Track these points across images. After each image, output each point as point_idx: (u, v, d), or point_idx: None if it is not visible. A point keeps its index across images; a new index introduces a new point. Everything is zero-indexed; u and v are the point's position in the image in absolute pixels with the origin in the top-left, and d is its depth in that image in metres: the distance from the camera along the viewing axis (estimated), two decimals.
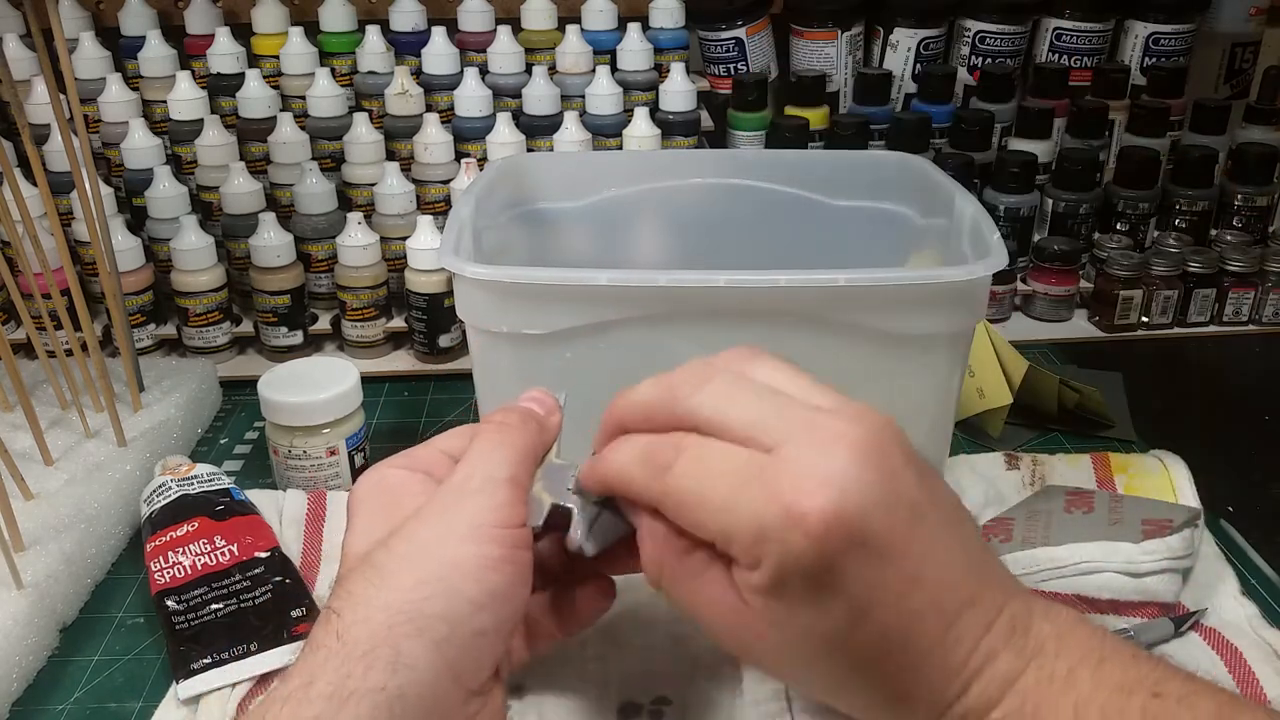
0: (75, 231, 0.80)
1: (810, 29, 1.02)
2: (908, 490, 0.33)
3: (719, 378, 0.36)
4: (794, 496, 0.32)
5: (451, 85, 0.87)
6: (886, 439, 0.33)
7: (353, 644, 0.34)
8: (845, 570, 0.32)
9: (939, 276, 0.50)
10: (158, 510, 0.57)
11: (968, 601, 0.33)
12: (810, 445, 0.33)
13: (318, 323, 0.83)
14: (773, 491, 0.32)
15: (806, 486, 0.32)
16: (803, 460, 0.32)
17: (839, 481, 0.32)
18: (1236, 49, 1.05)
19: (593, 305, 0.49)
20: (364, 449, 0.65)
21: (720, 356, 0.37)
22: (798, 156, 0.76)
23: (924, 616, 0.33)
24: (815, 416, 0.34)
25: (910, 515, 0.33)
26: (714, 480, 0.34)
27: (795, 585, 0.32)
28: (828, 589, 0.32)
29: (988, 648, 0.33)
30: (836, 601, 0.32)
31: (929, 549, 0.33)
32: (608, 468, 0.37)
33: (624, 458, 0.37)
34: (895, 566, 0.32)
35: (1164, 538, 0.52)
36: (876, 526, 0.32)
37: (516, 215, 0.66)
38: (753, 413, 0.34)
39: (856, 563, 0.32)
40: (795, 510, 0.31)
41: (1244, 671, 0.48)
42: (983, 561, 0.35)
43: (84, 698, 0.50)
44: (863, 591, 0.32)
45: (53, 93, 0.64)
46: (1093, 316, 0.88)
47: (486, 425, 0.41)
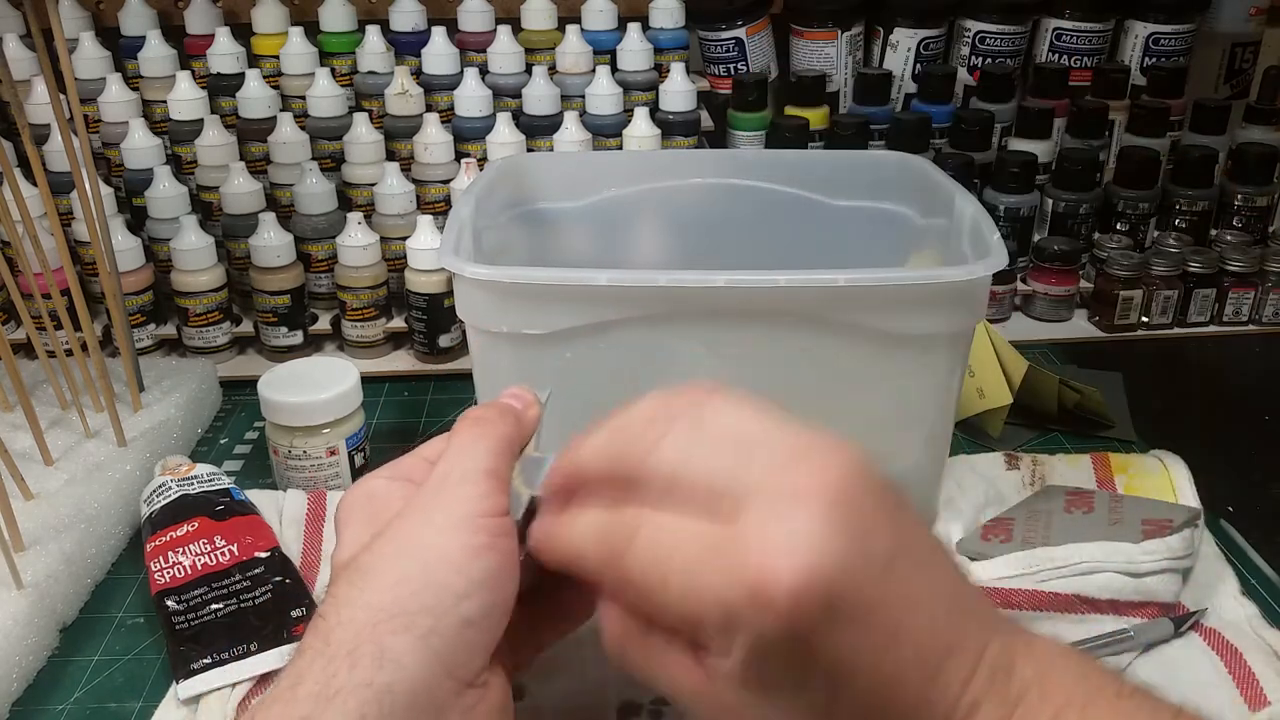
0: (75, 231, 0.80)
1: (810, 29, 1.02)
2: (879, 542, 0.31)
3: (676, 429, 0.34)
4: (759, 575, 0.30)
5: (451, 85, 0.87)
6: (854, 485, 0.31)
7: (337, 644, 0.34)
8: (821, 642, 0.30)
9: (939, 276, 0.50)
10: (158, 510, 0.57)
11: (947, 651, 0.32)
12: (773, 506, 0.31)
13: (318, 323, 0.83)
14: (736, 572, 0.30)
15: (770, 562, 0.30)
16: (764, 527, 0.31)
17: (805, 546, 0.30)
18: (1236, 49, 1.05)
19: (593, 305, 0.49)
20: (364, 449, 0.65)
21: (680, 395, 0.35)
22: (798, 156, 0.76)
23: (905, 675, 0.32)
24: (779, 467, 0.32)
25: (883, 569, 0.31)
26: (675, 559, 0.32)
27: (770, 667, 0.31)
28: (806, 663, 0.31)
29: (970, 698, 0.32)
30: (814, 676, 0.31)
31: (905, 600, 0.32)
32: (564, 545, 0.36)
33: (579, 536, 0.36)
34: (871, 627, 0.31)
35: (1164, 538, 0.52)
36: (848, 590, 0.30)
37: (516, 215, 0.66)
38: (713, 468, 0.32)
39: (831, 632, 0.30)
40: (762, 591, 0.30)
41: (1244, 672, 0.48)
42: (961, 601, 0.34)
43: (84, 698, 0.50)
44: (841, 660, 0.31)
45: (53, 93, 0.64)
46: (1093, 316, 0.88)
47: (463, 421, 0.41)
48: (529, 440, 0.42)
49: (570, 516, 0.36)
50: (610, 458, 0.35)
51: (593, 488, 0.36)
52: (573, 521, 0.36)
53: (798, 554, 0.30)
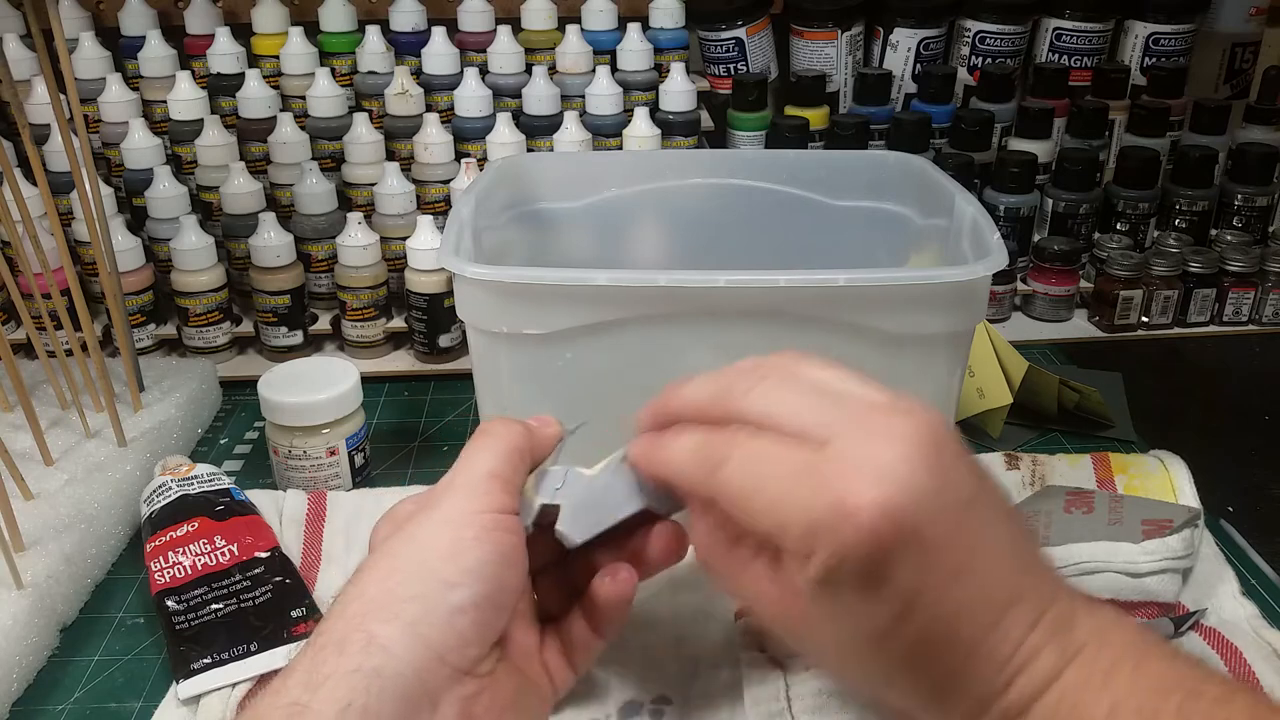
0: (75, 231, 0.80)
1: (810, 29, 1.02)
2: (959, 485, 0.33)
3: (772, 377, 0.37)
4: (845, 491, 0.32)
5: (451, 85, 0.87)
6: (939, 434, 0.34)
7: (327, 633, 0.35)
8: (895, 564, 0.32)
9: (939, 276, 0.50)
10: (158, 510, 0.57)
11: (1014, 598, 0.34)
12: (862, 441, 0.33)
13: (318, 323, 0.83)
14: (824, 487, 0.32)
15: (857, 481, 0.32)
16: (854, 455, 0.33)
17: (890, 476, 0.32)
18: (1236, 49, 1.05)
19: (593, 305, 0.49)
20: (364, 449, 0.65)
21: (771, 358, 0.38)
22: (797, 156, 0.76)
23: (971, 611, 0.33)
24: (867, 413, 0.34)
25: (960, 510, 0.33)
26: (767, 476, 0.34)
27: (846, 579, 0.33)
28: (877, 582, 0.32)
29: (1032, 644, 0.33)
30: (885, 595, 0.33)
31: (977, 544, 0.33)
32: (664, 460, 0.38)
33: (679, 452, 0.38)
34: (944, 561, 0.33)
35: (1164, 538, 0.52)
36: (927, 521, 0.32)
37: (516, 215, 0.66)
38: (805, 410, 0.35)
39: (906, 557, 0.32)
40: (847, 505, 0.32)
41: (1244, 671, 0.48)
42: (1030, 558, 0.35)
43: (84, 698, 0.50)
44: (912, 585, 0.32)
45: (53, 93, 0.64)
46: (1093, 316, 0.88)
47: (475, 434, 0.42)
48: (545, 456, 0.43)
49: (670, 435, 0.38)
50: (707, 397, 0.38)
51: (689, 422, 0.38)
52: (674, 439, 0.38)
53: (884, 478, 0.32)
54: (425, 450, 0.70)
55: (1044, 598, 0.34)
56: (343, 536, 0.58)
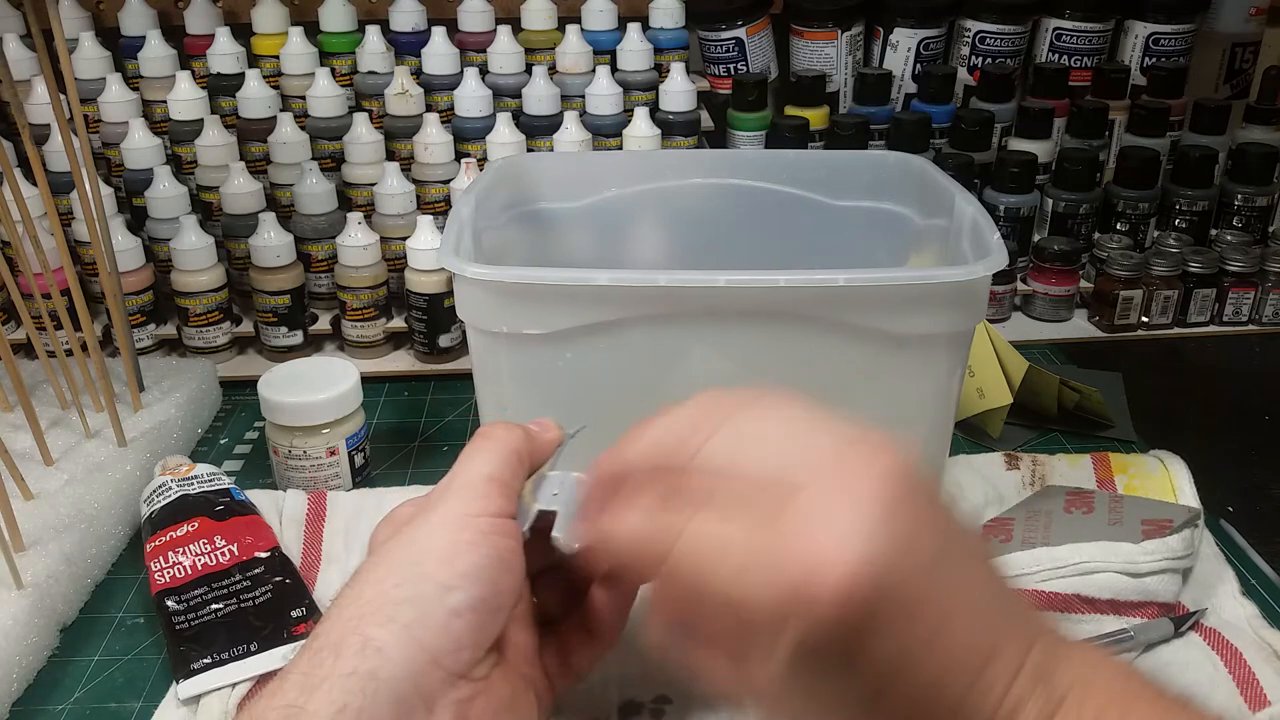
0: (75, 231, 0.80)
1: (810, 29, 1.02)
2: (925, 540, 0.32)
3: (725, 429, 0.35)
4: (806, 571, 0.30)
5: (451, 85, 0.87)
6: (901, 484, 0.32)
7: (323, 636, 0.35)
8: (868, 638, 0.31)
9: (939, 276, 0.50)
10: (158, 510, 0.57)
11: (993, 651, 0.32)
12: (818, 506, 0.31)
13: (318, 323, 0.83)
14: (783, 569, 0.31)
15: (817, 558, 0.30)
16: (812, 527, 0.31)
17: (851, 547, 0.30)
18: (1236, 49, 1.05)
19: (593, 305, 0.49)
20: (364, 449, 0.65)
21: (728, 397, 0.36)
22: (797, 156, 0.76)
23: (949, 674, 0.32)
24: (823, 471, 0.32)
25: (931, 566, 0.31)
26: (718, 563, 0.32)
27: (815, 664, 0.31)
28: (850, 660, 0.31)
29: (1014, 698, 0.32)
30: (860, 671, 0.31)
31: (951, 600, 0.32)
32: (612, 545, 0.37)
33: (624, 540, 0.36)
34: (919, 624, 0.31)
35: (1164, 538, 0.52)
36: (895, 586, 0.30)
37: (516, 215, 0.66)
38: (758, 470, 0.33)
39: (878, 628, 0.30)
40: (809, 586, 0.30)
41: (1244, 672, 0.48)
42: (1005, 603, 0.34)
43: (84, 698, 0.50)
44: (886, 658, 0.31)
45: (53, 93, 0.64)
46: (1093, 316, 0.88)
47: (474, 438, 0.42)
48: (544, 460, 0.43)
49: (615, 516, 0.36)
50: (658, 454, 0.36)
51: (638, 482, 0.36)
52: (617, 521, 0.36)
53: (845, 549, 0.30)
54: (425, 450, 0.70)
55: (1023, 645, 0.33)
56: (343, 536, 0.58)
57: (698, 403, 0.36)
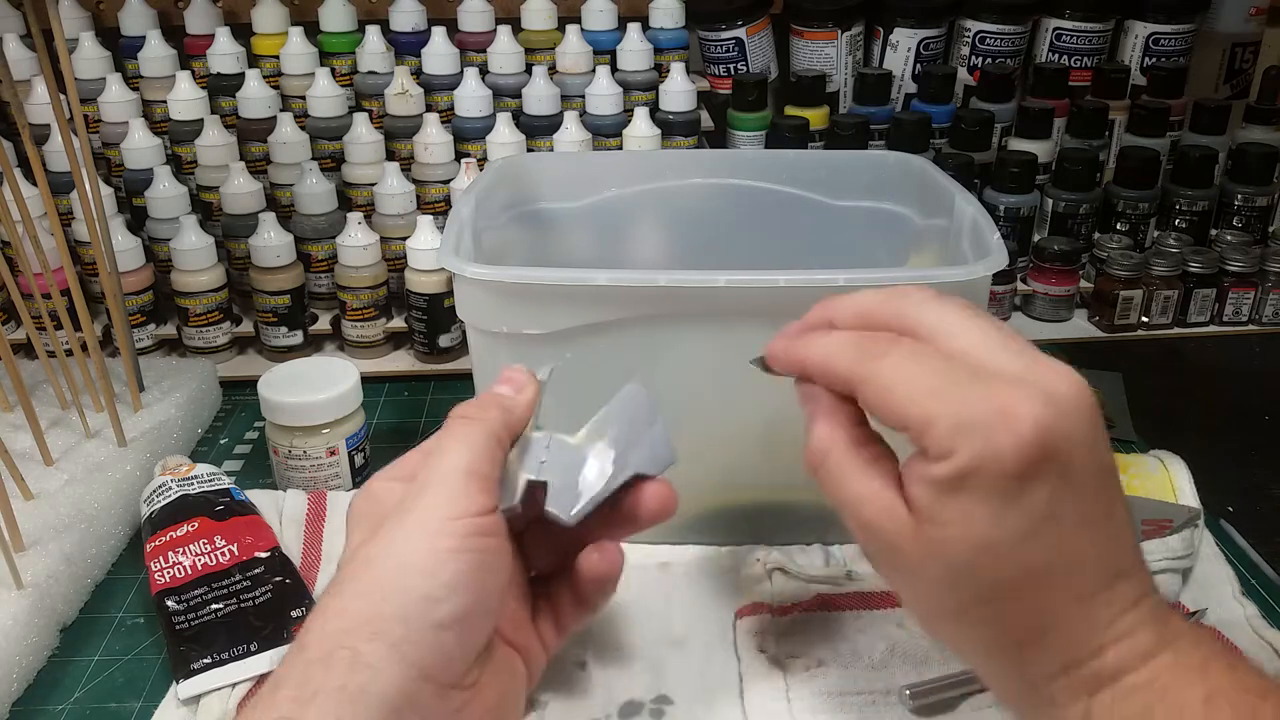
0: (75, 231, 0.80)
1: (810, 29, 1.02)
2: (1104, 452, 0.34)
3: (949, 301, 0.36)
4: (1011, 399, 0.32)
5: (451, 85, 0.87)
6: (1095, 402, 0.34)
7: (312, 648, 0.35)
8: (1035, 485, 0.32)
9: (939, 276, 0.50)
10: (158, 510, 0.57)
11: (1126, 570, 0.34)
12: (1033, 368, 0.33)
13: (318, 323, 0.83)
14: (990, 390, 0.32)
15: (1026, 394, 0.32)
16: (1025, 375, 0.33)
17: (1060, 402, 0.32)
18: (1236, 49, 1.05)
19: (593, 305, 0.49)
20: (364, 449, 0.65)
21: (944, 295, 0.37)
22: (797, 156, 0.76)
23: (1085, 565, 0.33)
24: (1040, 359, 0.34)
25: (1103, 468, 0.33)
26: (926, 373, 0.33)
27: (980, 485, 0.32)
28: (1012, 498, 0.32)
29: (1132, 619, 0.33)
30: (1015, 513, 0.32)
31: (1109, 506, 0.34)
32: (811, 349, 0.37)
33: (832, 342, 0.36)
34: (1079, 504, 0.33)
35: (1164, 538, 0.52)
36: (1077, 460, 0.32)
37: (516, 215, 0.66)
38: (979, 336, 0.34)
39: (1049, 482, 0.32)
40: (1010, 411, 0.31)
41: None
42: (1138, 551, 0.35)
43: (84, 698, 0.50)
44: (1045, 511, 0.32)
45: (53, 93, 0.64)
46: (1093, 316, 0.88)
47: (449, 420, 0.41)
48: (524, 423, 0.42)
49: (823, 332, 0.37)
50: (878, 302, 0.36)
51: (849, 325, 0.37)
52: (830, 334, 0.37)
53: (1054, 401, 0.32)
54: None
55: (1147, 584, 0.34)
56: (342, 536, 0.58)
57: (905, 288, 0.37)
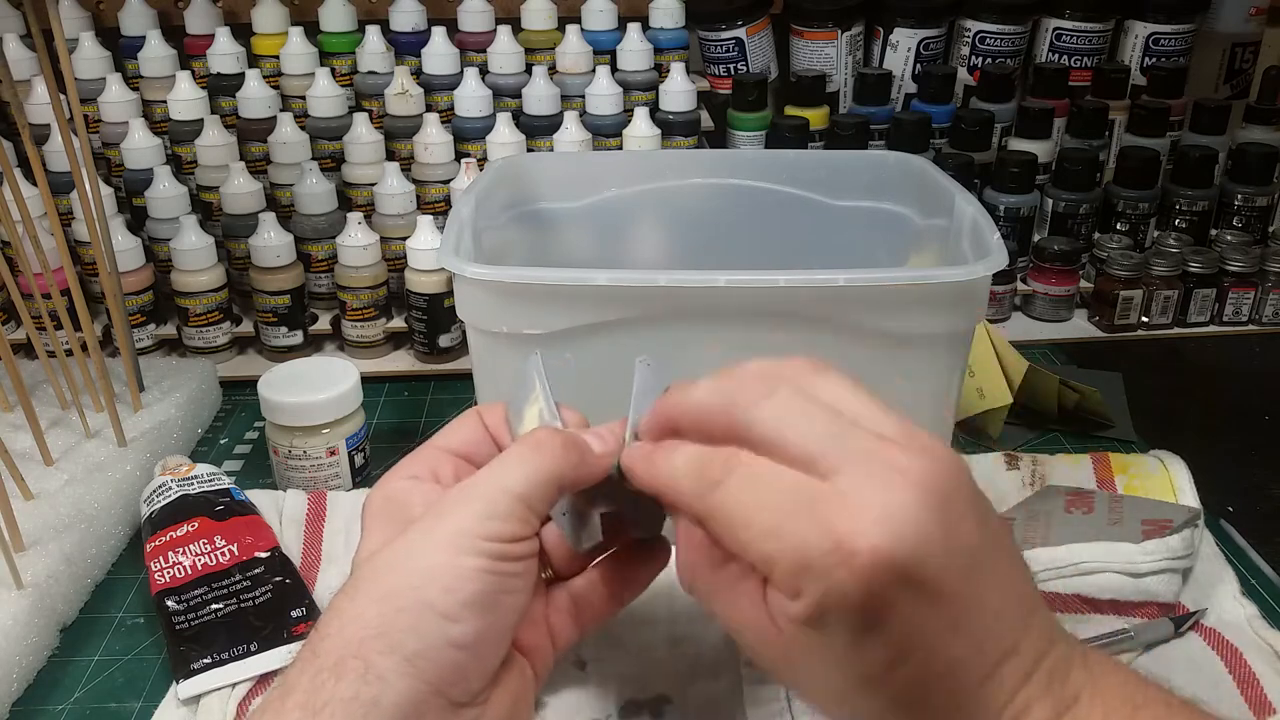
0: (75, 231, 0.80)
1: (810, 29, 1.02)
2: (965, 536, 0.32)
3: (781, 392, 0.34)
4: (846, 531, 0.30)
5: (451, 85, 0.87)
6: (951, 479, 0.32)
7: (324, 654, 0.34)
8: (889, 612, 0.31)
9: (939, 276, 0.50)
10: (158, 510, 0.57)
11: (1010, 650, 0.32)
12: (869, 479, 0.31)
13: (318, 323, 0.83)
14: (823, 523, 0.31)
15: (860, 522, 0.30)
16: (859, 494, 0.31)
17: (895, 521, 0.30)
18: (1236, 49, 1.05)
19: (593, 305, 0.49)
20: (364, 449, 0.65)
21: (784, 366, 0.36)
22: (797, 156, 0.76)
23: (965, 664, 0.32)
24: (879, 447, 0.32)
25: (964, 563, 0.32)
26: (763, 504, 0.33)
27: (834, 621, 0.31)
28: (868, 628, 0.31)
29: (1025, 698, 0.32)
30: (876, 641, 0.31)
31: (978, 597, 0.32)
32: (657, 473, 0.37)
33: (675, 466, 0.36)
34: (942, 612, 0.31)
35: (1164, 538, 0.52)
36: (929, 571, 0.31)
37: (516, 215, 0.66)
38: (813, 436, 0.33)
39: (902, 605, 0.31)
40: (845, 546, 0.30)
41: (1244, 672, 0.48)
42: (1028, 607, 0.34)
43: (84, 698, 0.50)
44: (905, 634, 0.31)
45: (53, 93, 0.64)
46: (1093, 316, 0.88)
47: (524, 439, 0.40)
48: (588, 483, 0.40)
49: (670, 446, 0.37)
50: (714, 406, 0.36)
51: (689, 433, 0.36)
52: (672, 450, 0.36)
53: (889, 522, 0.30)
54: None
55: (1039, 649, 0.33)
56: (343, 536, 0.58)
57: (754, 365, 0.36)
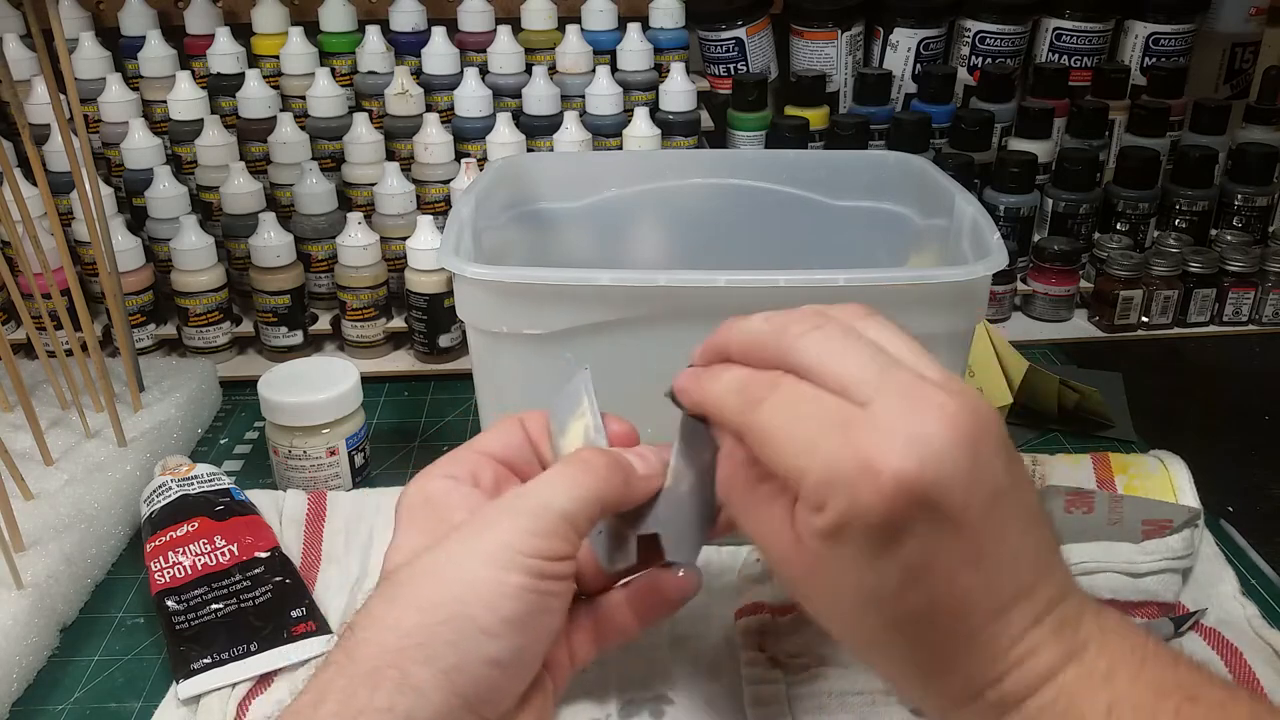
0: (75, 231, 0.80)
1: (810, 29, 1.02)
2: (991, 475, 0.33)
3: (830, 326, 0.36)
4: (873, 452, 0.31)
5: (451, 85, 0.87)
6: (984, 420, 0.33)
7: (360, 661, 0.34)
8: (907, 535, 0.32)
9: (939, 276, 0.50)
10: (158, 510, 0.57)
11: (1023, 592, 0.33)
12: (904, 408, 0.32)
13: (318, 323, 0.83)
14: (854, 442, 0.32)
15: (888, 444, 0.31)
16: (892, 419, 0.32)
17: (923, 447, 0.31)
18: (1236, 49, 1.05)
19: (593, 305, 0.49)
20: (364, 449, 0.65)
21: (836, 308, 0.37)
22: (797, 156, 0.76)
23: (977, 597, 0.33)
24: (916, 384, 0.33)
25: (988, 499, 0.32)
26: (800, 421, 0.34)
27: (854, 537, 0.32)
28: (886, 548, 0.32)
29: (1033, 640, 0.33)
30: (891, 562, 0.32)
31: (998, 535, 0.33)
32: (705, 392, 0.38)
33: (721, 386, 0.37)
34: (959, 545, 0.32)
35: (1164, 538, 0.52)
36: (951, 501, 0.32)
37: (516, 215, 0.66)
38: (855, 366, 0.34)
39: (921, 530, 0.32)
40: (871, 465, 0.31)
41: (1244, 672, 0.48)
42: (1047, 556, 0.35)
43: (84, 698, 0.50)
44: (920, 559, 0.32)
45: (53, 93, 0.64)
46: (1093, 316, 0.88)
47: (569, 457, 0.40)
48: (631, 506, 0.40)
49: (717, 370, 0.38)
50: (765, 334, 0.37)
51: (740, 359, 0.38)
52: (719, 373, 0.38)
53: (916, 448, 0.31)
54: (425, 450, 0.70)
55: (1052, 596, 0.34)
56: (343, 536, 0.58)
57: (803, 308, 0.37)
